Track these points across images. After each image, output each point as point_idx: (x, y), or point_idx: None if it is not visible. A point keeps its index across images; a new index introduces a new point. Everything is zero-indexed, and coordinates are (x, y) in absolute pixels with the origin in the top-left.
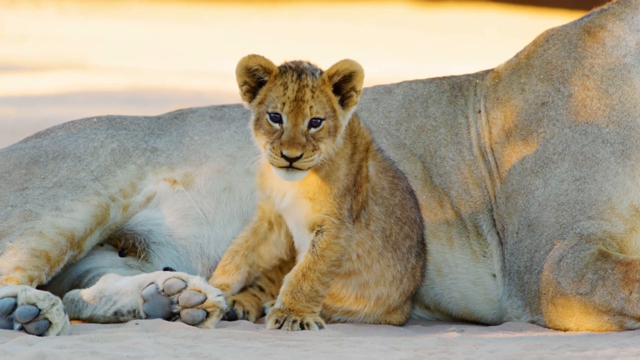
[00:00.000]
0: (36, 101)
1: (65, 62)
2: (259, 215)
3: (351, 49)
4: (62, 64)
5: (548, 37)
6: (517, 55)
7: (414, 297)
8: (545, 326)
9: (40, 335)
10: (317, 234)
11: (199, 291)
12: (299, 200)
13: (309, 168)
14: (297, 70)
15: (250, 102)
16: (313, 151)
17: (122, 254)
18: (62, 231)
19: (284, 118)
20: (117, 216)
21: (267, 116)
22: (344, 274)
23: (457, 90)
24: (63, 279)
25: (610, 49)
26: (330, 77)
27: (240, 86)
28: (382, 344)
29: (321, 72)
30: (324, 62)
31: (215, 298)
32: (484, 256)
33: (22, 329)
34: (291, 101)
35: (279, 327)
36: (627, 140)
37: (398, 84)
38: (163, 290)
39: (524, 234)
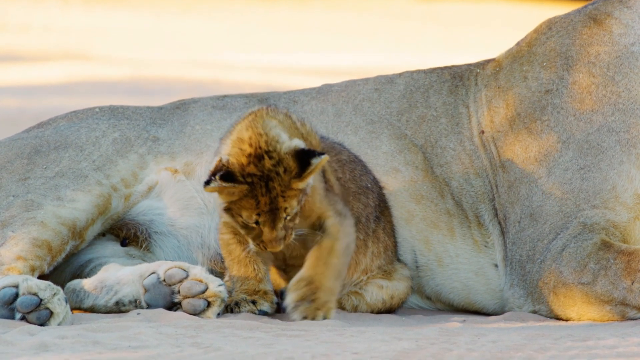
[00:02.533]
0: (39, 91)
1: (68, 53)
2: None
3: (353, 39)
4: (65, 54)
5: (551, 25)
6: (518, 44)
7: (398, 257)
8: (546, 316)
9: (42, 325)
10: (322, 226)
11: (200, 281)
12: None
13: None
14: (263, 179)
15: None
16: (290, 235)
17: (123, 243)
18: (64, 221)
19: (261, 225)
20: (119, 206)
21: (241, 219)
22: None
23: (458, 80)
24: (64, 269)
25: (617, 37)
26: (292, 175)
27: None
28: (384, 334)
29: (285, 170)
30: (327, 53)
31: (217, 288)
32: (485, 246)
33: (23, 318)
34: (265, 212)
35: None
36: (632, 129)
37: (400, 74)
38: (164, 280)
39: (527, 223)
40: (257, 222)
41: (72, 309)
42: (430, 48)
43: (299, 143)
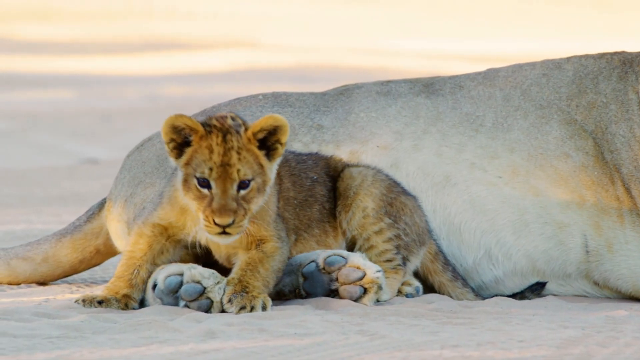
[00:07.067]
0: (204, 79)
1: (234, 40)
2: (157, 231)
3: (519, 25)
4: (231, 41)
5: None
6: None
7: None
8: None
9: (204, 312)
10: (259, 245)
11: (358, 268)
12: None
13: (239, 233)
14: (222, 131)
15: (177, 158)
16: (244, 215)
17: None
18: None
19: (213, 184)
20: None
21: (195, 181)
22: None
23: (628, 66)
24: None
25: None
26: (255, 134)
27: (167, 143)
28: (550, 322)
29: (246, 129)
30: (491, 39)
31: (374, 274)
32: None
33: (186, 306)
34: (218, 166)
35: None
36: None
37: (567, 59)
38: (323, 268)
39: None
40: (209, 185)
41: None
42: (599, 35)
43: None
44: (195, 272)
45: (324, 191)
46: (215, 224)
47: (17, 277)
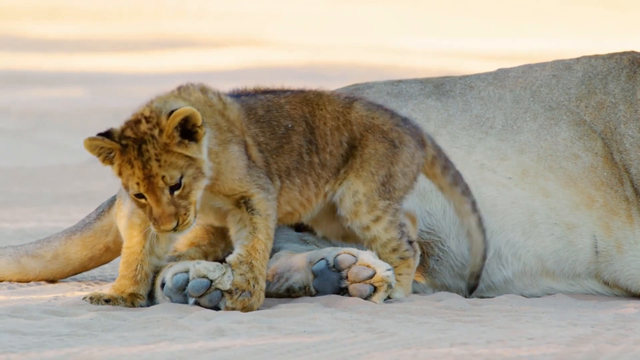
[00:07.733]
0: (214, 77)
1: (244, 38)
2: (144, 216)
3: (529, 24)
4: (241, 39)
5: None
6: None
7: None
8: None
9: (215, 307)
10: (247, 203)
11: (368, 266)
12: (211, 198)
13: (191, 226)
14: (137, 141)
15: (112, 166)
16: (186, 214)
17: (298, 229)
18: None
19: (145, 196)
20: None
21: (131, 192)
22: None
23: (637, 65)
24: None
25: None
26: (170, 135)
27: (98, 157)
28: (560, 320)
29: (160, 130)
30: (502, 38)
31: (384, 273)
32: None
33: (197, 303)
34: (142, 180)
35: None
36: None
37: (577, 59)
38: (334, 266)
39: None
40: (143, 195)
41: None
42: (610, 34)
43: (176, 104)
44: (200, 267)
45: (301, 141)
46: (162, 230)
47: (26, 275)
